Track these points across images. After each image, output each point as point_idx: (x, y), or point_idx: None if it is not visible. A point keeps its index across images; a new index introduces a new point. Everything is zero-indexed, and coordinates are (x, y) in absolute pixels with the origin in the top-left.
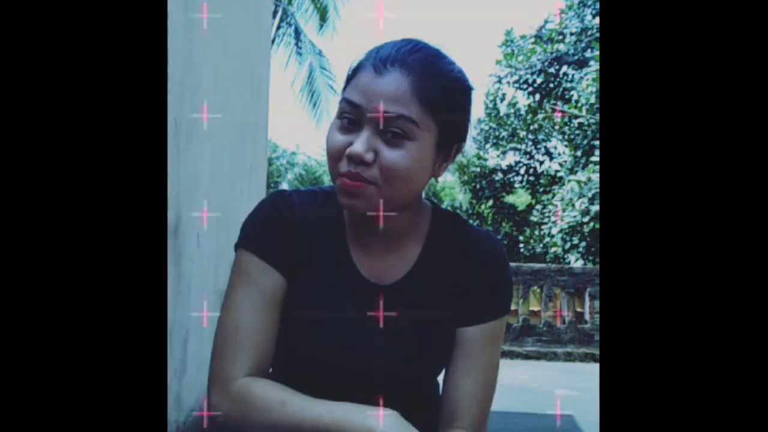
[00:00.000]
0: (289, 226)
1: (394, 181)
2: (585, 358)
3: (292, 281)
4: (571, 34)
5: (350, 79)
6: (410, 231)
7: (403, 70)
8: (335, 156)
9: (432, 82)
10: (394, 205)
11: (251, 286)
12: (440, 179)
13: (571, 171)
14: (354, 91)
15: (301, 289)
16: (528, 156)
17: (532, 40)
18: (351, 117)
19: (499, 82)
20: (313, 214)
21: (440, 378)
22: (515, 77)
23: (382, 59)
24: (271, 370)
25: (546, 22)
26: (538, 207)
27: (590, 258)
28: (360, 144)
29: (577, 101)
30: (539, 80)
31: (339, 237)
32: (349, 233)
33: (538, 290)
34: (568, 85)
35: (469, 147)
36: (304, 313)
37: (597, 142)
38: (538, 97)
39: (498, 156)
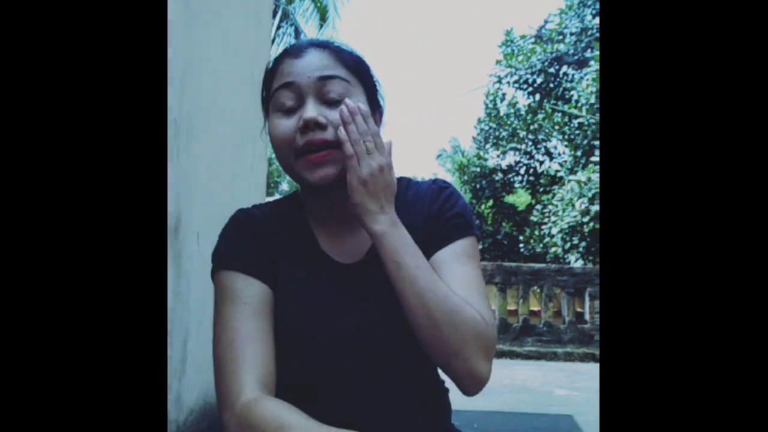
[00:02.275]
0: (257, 236)
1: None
2: (585, 358)
3: (274, 287)
4: (571, 34)
5: (271, 75)
6: None
7: (318, 48)
8: (288, 139)
9: (344, 52)
10: None
11: (236, 301)
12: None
13: (571, 171)
14: (282, 76)
15: (285, 289)
16: (528, 156)
17: (532, 40)
18: (290, 102)
19: (499, 82)
20: (276, 219)
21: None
22: (515, 77)
23: (295, 47)
24: None
25: (546, 22)
26: (538, 207)
27: (590, 258)
28: (310, 111)
29: (577, 101)
30: (539, 80)
31: (306, 233)
32: (315, 227)
33: (538, 290)
34: (568, 85)
35: (469, 147)
36: (294, 309)
37: (597, 142)
38: (538, 97)
39: (498, 156)
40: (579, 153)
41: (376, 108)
